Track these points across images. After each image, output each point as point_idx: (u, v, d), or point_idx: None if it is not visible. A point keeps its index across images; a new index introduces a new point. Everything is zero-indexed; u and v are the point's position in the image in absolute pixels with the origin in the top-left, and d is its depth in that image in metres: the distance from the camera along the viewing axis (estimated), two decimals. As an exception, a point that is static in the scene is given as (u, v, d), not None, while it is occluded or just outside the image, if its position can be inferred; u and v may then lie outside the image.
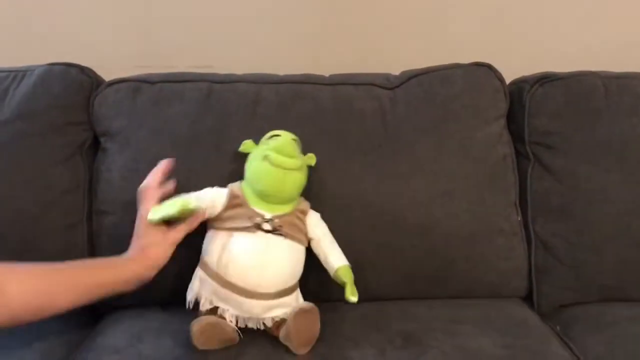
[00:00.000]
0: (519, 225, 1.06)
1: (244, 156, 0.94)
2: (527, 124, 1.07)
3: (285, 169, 0.87)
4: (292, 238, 0.88)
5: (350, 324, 0.93)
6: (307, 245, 0.92)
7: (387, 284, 1.01)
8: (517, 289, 1.06)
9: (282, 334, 0.86)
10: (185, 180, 0.95)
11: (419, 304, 1.01)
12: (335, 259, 0.91)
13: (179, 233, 0.88)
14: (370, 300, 0.99)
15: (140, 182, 0.92)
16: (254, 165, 0.90)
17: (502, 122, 1.09)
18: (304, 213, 0.92)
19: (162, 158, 0.94)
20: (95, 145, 1.06)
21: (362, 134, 1.03)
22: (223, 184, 0.92)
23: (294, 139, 0.94)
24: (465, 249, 1.02)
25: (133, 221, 0.91)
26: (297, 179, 0.90)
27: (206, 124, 1.02)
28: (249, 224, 0.86)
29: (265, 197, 0.88)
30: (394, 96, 1.06)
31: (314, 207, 0.94)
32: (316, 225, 0.93)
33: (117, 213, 1.00)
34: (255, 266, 0.85)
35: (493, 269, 1.03)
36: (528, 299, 1.07)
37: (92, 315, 1.01)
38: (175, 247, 0.88)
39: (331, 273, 0.91)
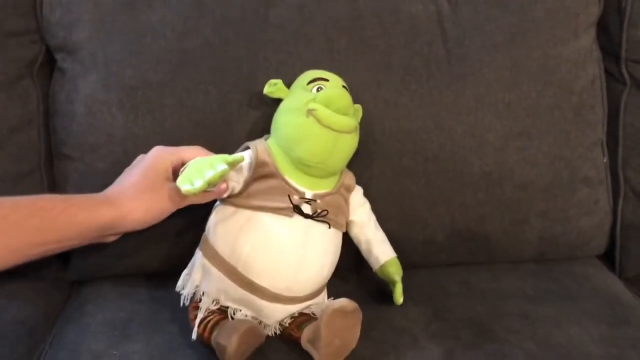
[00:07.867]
0: (605, 170, 0.84)
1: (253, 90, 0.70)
2: (625, 36, 0.82)
3: (337, 131, 0.62)
4: (336, 225, 0.66)
5: (399, 306, 0.72)
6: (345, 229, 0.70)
7: (440, 247, 0.80)
8: (595, 248, 0.86)
9: (306, 336, 0.62)
10: (177, 119, 0.70)
11: (480, 273, 0.81)
12: (382, 250, 0.71)
13: (184, 200, 0.64)
14: (417, 267, 0.79)
15: (116, 118, 0.73)
16: (291, 122, 0.64)
17: (592, 33, 0.83)
18: (349, 190, 0.69)
19: (141, 85, 0.73)
20: (50, 65, 0.79)
21: (413, 50, 0.77)
22: (230, 130, 0.67)
23: (344, 86, 0.69)
24: (541, 204, 0.80)
25: (105, 169, 0.72)
26: (350, 145, 0.66)
27: (199, 36, 0.75)
28: (283, 204, 0.62)
29: (304, 167, 0.64)
30: (454, -4, 0.79)
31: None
32: (360, 205, 0.71)
33: (84, 158, 0.75)
34: (290, 264, 0.62)
35: (573, 227, 0.82)
36: (605, 257, 0.87)
37: (60, 286, 0.79)
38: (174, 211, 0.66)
39: (374, 266, 0.71)
